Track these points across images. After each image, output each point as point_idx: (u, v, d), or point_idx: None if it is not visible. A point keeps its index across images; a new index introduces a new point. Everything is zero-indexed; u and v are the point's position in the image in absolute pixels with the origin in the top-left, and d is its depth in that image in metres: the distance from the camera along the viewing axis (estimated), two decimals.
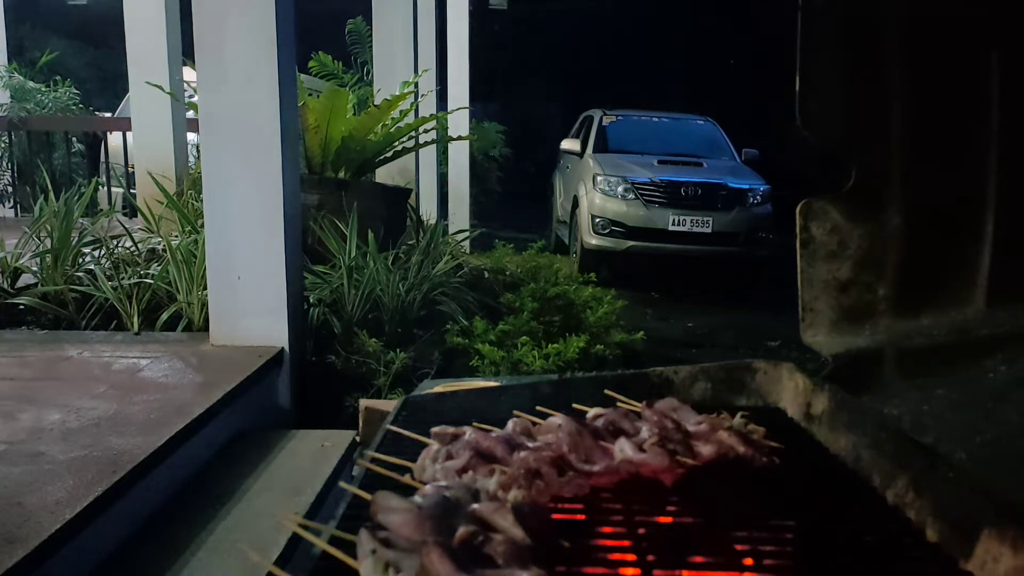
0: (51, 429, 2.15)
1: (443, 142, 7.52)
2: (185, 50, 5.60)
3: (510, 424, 1.22)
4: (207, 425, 2.41)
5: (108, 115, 9.47)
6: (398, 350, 3.52)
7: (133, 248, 4.22)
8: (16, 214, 7.62)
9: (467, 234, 7.04)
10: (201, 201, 3.27)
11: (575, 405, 1.34)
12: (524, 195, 12.53)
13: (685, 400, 1.37)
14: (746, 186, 8.14)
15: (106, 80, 13.25)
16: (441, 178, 8.32)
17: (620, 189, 8.05)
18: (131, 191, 6.27)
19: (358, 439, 2.86)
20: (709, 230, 7.90)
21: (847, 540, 0.98)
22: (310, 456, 2.76)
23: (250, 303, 3.11)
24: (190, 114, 5.72)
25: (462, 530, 0.81)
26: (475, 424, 1.22)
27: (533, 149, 14.54)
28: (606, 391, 1.43)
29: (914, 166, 1.56)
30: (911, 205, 1.57)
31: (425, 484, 1.04)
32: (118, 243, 4.21)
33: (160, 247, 4.21)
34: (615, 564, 0.91)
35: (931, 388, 1.47)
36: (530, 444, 1.14)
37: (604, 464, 1.11)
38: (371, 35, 6.74)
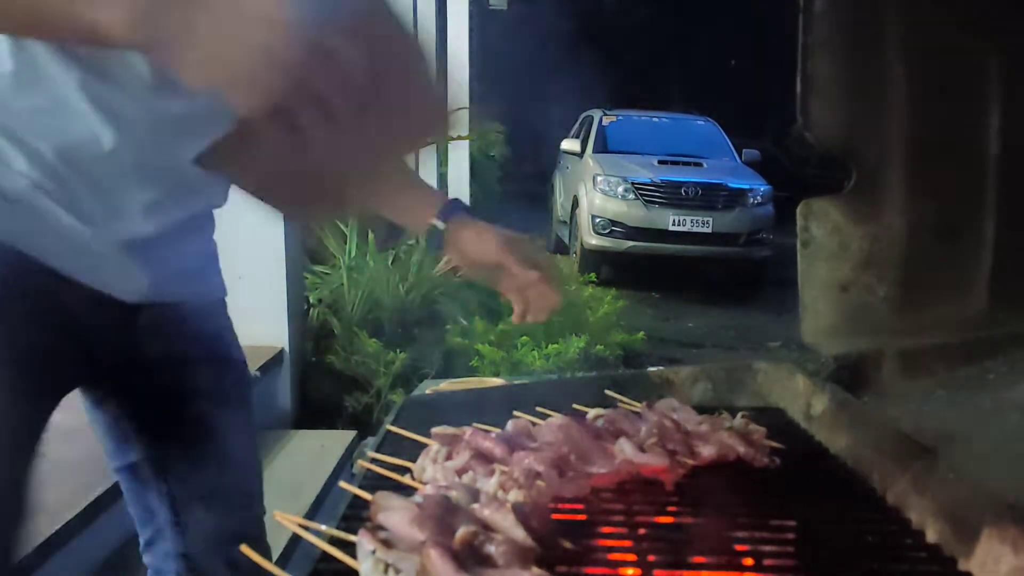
0: (51, 430, 2.15)
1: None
2: None
3: (510, 424, 1.22)
4: None
5: None
6: (398, 350, 3.52)
7: None
8: None
9: None
10: None
11: (575, 405, 1.34)
12: (524, 195, 12.52)
13: (685, 400, 1.37)
14: (746, 186, 8.14)
15: None
16: (441, 178, 8.32)
17: (620, 189, 8.05)
18: None
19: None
20: (709, 230, 7.90)
21: (847, 540, 0.98)
22: (310, 456, 2.77)
23: (250, 303, 3.10)
24: None
25: (462, 531, 0.81)
26: (475, 424, 1.22)
27: (533, 149, 14.54)
28: (606, 391, 1.43)
29: (914, 166, 1.56)
30: (912, 205, 1.57)
31: (425, 484, 1.04)
32: None
33: None
34: (615, 564, 0.91)
35: (931, 388, 1.47)
36: (530, 444, 1.14)
37: (604, 464, 1.11)
38: None
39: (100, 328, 1.08)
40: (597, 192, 8.13)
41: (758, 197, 8.10)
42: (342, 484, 1.10)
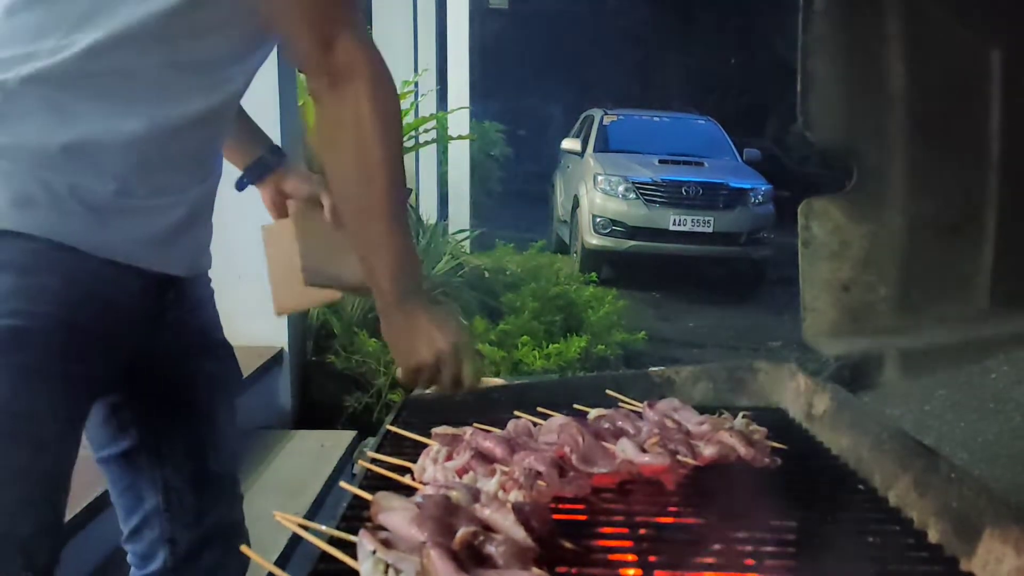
0: None
1: (443, 142, 7.51)
2: None
3: (511, 424, 1.22)
4: None
5: None
6: None
7: None
8: None
9: (467, 234, 7.03)
10: None
11: (576, 405, 1.34)
12: (524, 195, 12.51)
13: (686, 400, 1.37)
14: (747, 186, 8.13)
15: None
16: (441, 178, 8.31)
17: (621, 189, 8.04)
18: None
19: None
20: (710, 230, 7.89)
21: (847, 540, 0.98)
22: (310, 456, 2.76)
23: (250, 303, 3.10)
24: None
25: (463, 531, 0.81)
26: (475, 424, 1.21)
27: (534, 149, 14.53)
28: (607, 391, 1.43)
29: (914, 165, 1.56)
30: (912, 204, 1.57)
31: (425, 485, 1.04)
32: None
33: None
34: (616, 564, 0.91)
35: (932, 388, 1.47)
36: (531, 444, 1.14)
37: (605, 464, 1.11)
38: (371, 35, 6.74)
39: (138, 320, 1.07)
40: (598, 191, 8.12)
41: (759, 196, 8.09)
42: (342, 484, 1.10)
